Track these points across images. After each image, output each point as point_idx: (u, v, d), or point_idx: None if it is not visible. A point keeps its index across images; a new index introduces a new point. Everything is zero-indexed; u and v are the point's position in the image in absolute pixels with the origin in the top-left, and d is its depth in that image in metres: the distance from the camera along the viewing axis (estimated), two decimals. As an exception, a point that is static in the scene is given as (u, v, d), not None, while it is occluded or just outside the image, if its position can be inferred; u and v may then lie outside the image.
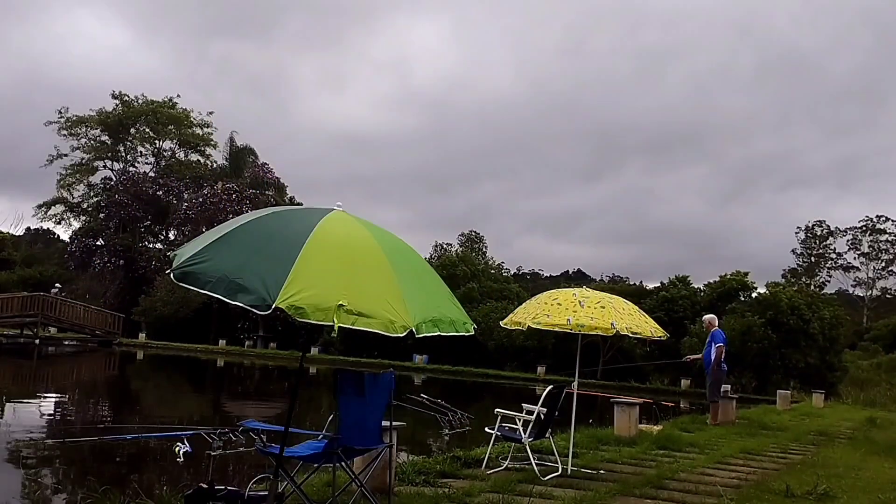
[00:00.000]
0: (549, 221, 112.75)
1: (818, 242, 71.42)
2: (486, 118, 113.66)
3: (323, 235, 3.77)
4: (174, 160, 55.85)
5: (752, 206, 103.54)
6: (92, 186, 55.57)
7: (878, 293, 70.55)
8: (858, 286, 70.92)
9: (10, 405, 15.79)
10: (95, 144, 54.62)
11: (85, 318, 40.51)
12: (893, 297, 70.60)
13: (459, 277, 42.42)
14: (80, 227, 54.23)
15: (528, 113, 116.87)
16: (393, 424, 5.38)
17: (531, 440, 7.28)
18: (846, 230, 70.23)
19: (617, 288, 39.20)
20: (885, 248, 69.46)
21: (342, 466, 4.90)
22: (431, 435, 13.50)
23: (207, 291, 3.48)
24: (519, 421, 7.31)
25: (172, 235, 52.18)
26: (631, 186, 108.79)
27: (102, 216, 53.00)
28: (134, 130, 55.33)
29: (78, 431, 12.40)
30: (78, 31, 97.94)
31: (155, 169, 55.22)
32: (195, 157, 56.74)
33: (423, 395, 15.21)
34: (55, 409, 16.41)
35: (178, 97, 56.17)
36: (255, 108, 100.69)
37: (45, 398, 18.20)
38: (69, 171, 53.92)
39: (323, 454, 4.75)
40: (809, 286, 57.96)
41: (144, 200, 50.94)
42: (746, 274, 38.22)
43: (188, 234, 46.07)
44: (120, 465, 9.85)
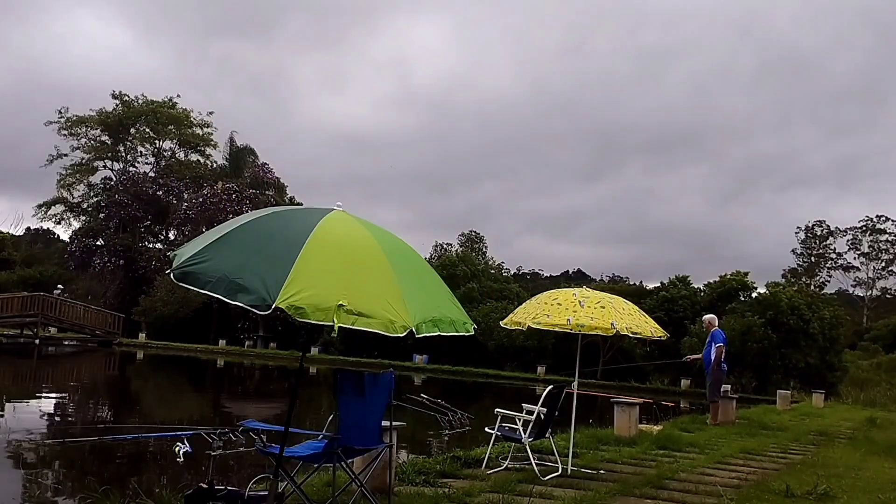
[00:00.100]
0: (549, 221, 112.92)
1: (818, 242, 71.45)
2: (486, 118, 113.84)
3: (323, 235, 3.77)
4: (174, 160, 55.84)
5: (752, 206, 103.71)
6: (92, 186, 55.64)
7: (878, 293, 70.59)
8: (858, 286, 71.06)
9: (10, 405, 15.78)
10: (95, 144, 54.62)
11: (85, 318, 40.52)
12: (893, 297, 70.61)
13: (459, 277, 42.40)
14: (80, 227, 54.27)
15: (528, 113, 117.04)
16: (393, 424, 5.38)
17: (531, 440, 7.28)
18: (846, 230, 70.39)
19: (617, 288, 39.21)
20: (885, 248, 69.51)
21: (342, 466, 4.90)
22: (431, 435, 13.50)
23: (207, 291, 3.48)
24: (519, 421, 7.31)
25: (172, 235, 52.20)
26: (631, 186, 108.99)
27: (102, 216, 53.03)
28: (134, 130, 55.34)
29: (78, 431, 12.40)
30: (78, 31, 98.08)
31: (155, 169, 55.22)
32: (195, 157, 56.80)
33: (423, 395, 15.22)
34: (55, 409, 16.40)
35: (178, 97, 56.32)
36: (255, 108, 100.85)
37: (45, 398, 18.20)
38: (69, 171, 53.99)
39: (323, 454, 4.75)
40: (809, 286, 57.96)
41: (144, 200, 50.95)
42: (746, 274, 38.25)
43: (188, 234, 46.07)
44: (120, 465, 9.84)
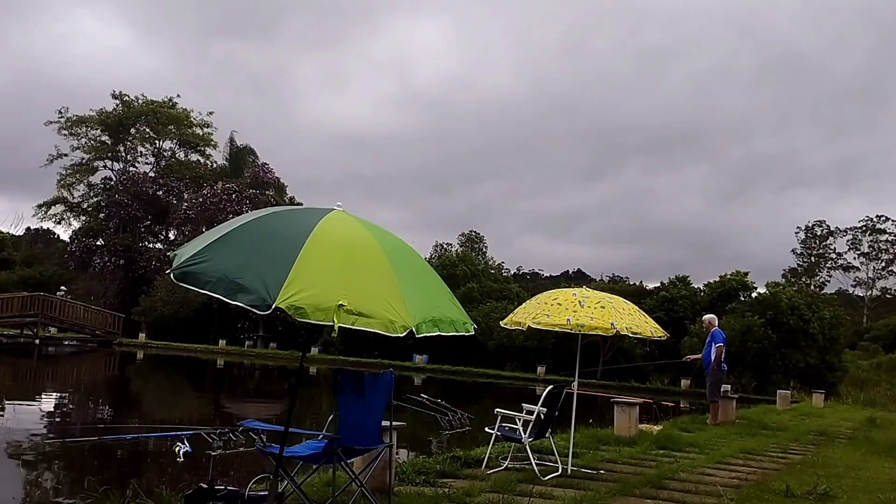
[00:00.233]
0: (549, 221, 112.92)
1: (818, 242, 71.46)
2: (486, 118, 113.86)
3: (323, 235, 3.77)
4: (174, 160, 55.80)
5: (752, 206, 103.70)
6: (92, 186, 55.61)
7: (878, 293, 70.61)
8: (858, 286, 71.09)
9: (10, 405, 15.78)
10: (95, 144, 54.59)
11: (85, 318, 40.50)
12: (893, 297, 70.63)
13: (459, 277, 42.39)
14: (80, 227, 54.23)
15: (528, 113, 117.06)
16: (393, 424, 5.38)
17: (531, 440, 7.28)
18: (846, 230, 70.41)
19: (617, 288, 39.21)
20: (885, 248, 69.53)
21: (342, 466, 4.90)
22: (431, 435, 13.50)
23: (207, 291, 3.48)
24: (519, 421, 7.31)
25: (172, 235, 52.19)
26: (631, 186, 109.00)
27: (102, 216, 53.02)
28: (134, 130, 55.31)
29: (78, 431, 12.40)
30: (78, 31, 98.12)
31: (155, 169, 55.20)
32: (195, 157, 56.75)
33: (423, 395, 15.23)
34: (55, 409, 16.41)
35: (178, 97, 56.26)
36: (255, 108, 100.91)
37: (45, 398, 18.20)
38: (69, 171, 53.95)
39: (323, 454, 4.75)
40: (809, 286, 57.97)
41: (144, 200, 50.95)
42: (746, 274, 38.24)
43: (188, 234, 46.06)
44: (120, 465, 9.85)
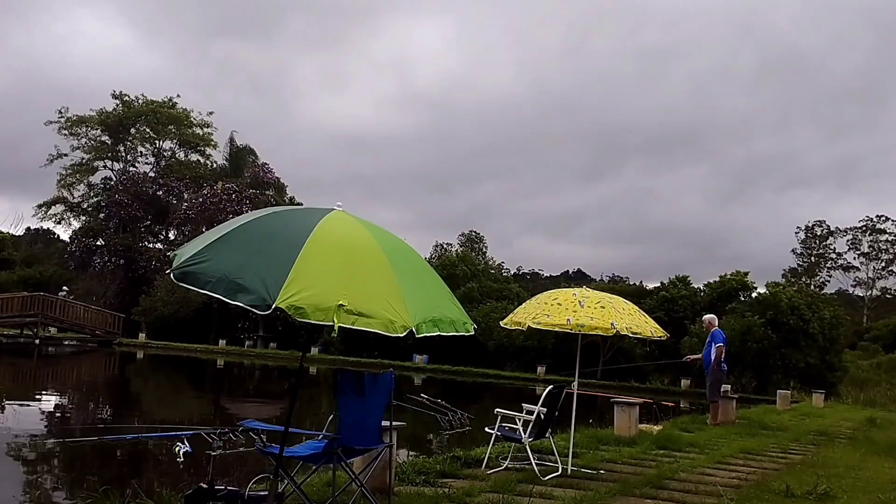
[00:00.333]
0: (549, 221, 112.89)
1: (818, 242, 71.46)
2: (486, 118, 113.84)
3: (323, 235, 3.77)
4: (174, 160, 55.79)
5: (752, 206, 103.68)
6: (92, 186, 55.60)
7: (878, 293, 70.62)
8: (858, 286, 71.10)
9: (10, 405, 15.78)
10: (95, 144, 54.58)
11: (85, 318, 40.49)
12: (893, 297, 70.63)
13: (459, 277, 42.39)
14: (80, 227, 54.21)
15: (528, 113, 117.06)
16: (393, 424, 5.38)
17: (531, 440, 7.28)
18: (846, 230, 70.41)
19: (617, 288, 39.21)
20: (885, 248, 69.54)
21: (342, 466, 4.90)
22: (431, 435, 13.50)
23: (207, 291, 3.47)
24: (519, 421, 7.31)
25: (172, 235, 52.18)
26: (631, 186, 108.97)
27: (102, 216, 53.01)
28: (134, 130, 55.30)
29: (78, 431, 12.40)
30: (79, 31, 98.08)
31: (155, 169, 55.19)
32: (195, 157, 56.74)
33: (423, 395, 15.23)
34: (55, 409, 16.41)
35: (178, 97, 56.25)
36: (255, 108, 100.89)
37: (45, 398, 18.20)
38: (69, 170, 53.94)
39: (323, 454, 4.75)
40: (809, 286, 57.96)
41: (144, 200, 50.94)
42: (746, 274, 38.25)
43: (188, 234, 46.05)
44: (120, 465, 9.85)
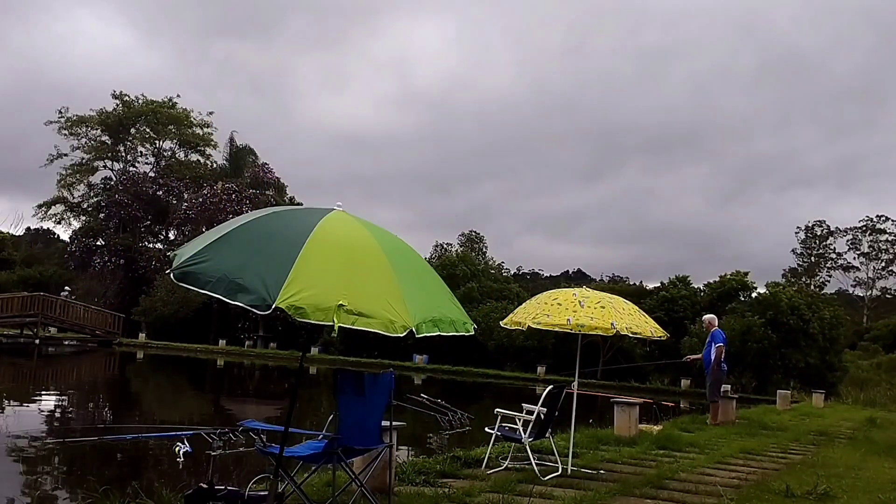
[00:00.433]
0: (549, 221, 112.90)
1: (818, 242, 71.46)
2: (486, 118, 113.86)
3: (323, 235, 3.76)
4: (174, 160, 55.78)
5: (752, 206, 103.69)
6: (92, 186, 55.59)
7: (878, 293, 70.62)
8: (858, 286, 71.10)
9: (10, 405, 15.78)
10: (95, 144, 54.58)
11: (85, 318, 40.47)
12: (893, 297, 70.63)
13: (459, 277, 42.38)
14: (80, 227, 54.21)
15: (528, 113, 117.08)
16: (393, 424, 5.38)
17: (531, 440, 7.27)
18: (846, 230, 70.41)
19: (617, 288, 39.22)
20: (885, 248, 69.54)
21: (342, 466, 4.90)
22: (431, 435, 13.50)
23: (207, 291, 3.47)
24: (519, 421, 7.31)
25: (172, 235, 52.19)
26: (631, 186, 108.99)
27: (102, 216, 53.01)
28: (134, 130, 55.30)
29: (78, 431, 12.40)
30: (79, 30, 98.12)
31: (155, 169, 55.19)
32: (195, 157, 56.73)
33: (423, 395, 15.23)
34: (55, 409, 16.40)
35: (178, 97, 56.27)
36: (255, 108, 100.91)
37: (45, 398, 18.19)
38: (69, 170, 53.93)
39: (323, 454, 4.75)
40: (809, 286, 57.96)
41: (144, 200, 50.94)
42: (746, 274, 38.25)
43: (188, 234, 46.05)
44: (120, 465, 9.85)
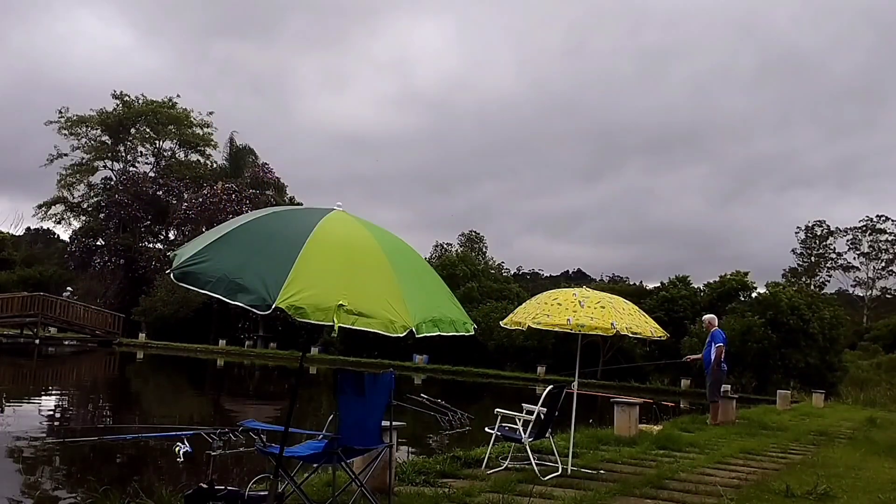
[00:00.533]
0: (549, 221, 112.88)
1: (818, 242, 71.44)
2: (486, 118, 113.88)
3: (323, 235, 3.76)
4: (174, 160, 55.79)
5: (752, 206, 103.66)
6: (92, 186, 55.59)
7: (878, 293, 70.60)
8: (858, 286, 71.07)
9: (10, 405, 15.78)
10: (95, 144, 54.57)
11: (85, 318, 40.47)
12: (893, 297, 70.61)
13: (459, 277, 42.39)
14: (80, 227, 54.24)
15: (528, 113, 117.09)
16: (393, 424, 5.38)
17: (531, 440, 7.27)
18: (846, 230, 70.38)
19: (617, 288, 39.22)
20: (885, 248, 69.52)
21: (342, 466, 4.90)
22: (431, 435, 13.50)
23: (207, 291, 3.47)
24: (519, 421, 7.31)
25: (172, 235, 52.19)
26: (631, 186, 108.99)
27: (102, 216, 53.02)
28: (134, 130, 55.31)
29: (78, 431, 12.40)
30: (79, 31, 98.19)
31: (155, 169, 55.20)
32: (195, 157, 56.74)
33: (423, 395, 15.23)
34: (55, 409, 16.40)
35: (178, 97, 56.29)
36: (255, 108, 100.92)
37: (45, 398, 18.19)
38: (69, 170, 53.92)
39: (323, 454, 4.75)
40: (809, 286, 57.97)
41: (144, 200, 50.95)
42: (746, 274, 38.26)
43: (188, 234, 46.06)
44: (120, 465, 9.85)
